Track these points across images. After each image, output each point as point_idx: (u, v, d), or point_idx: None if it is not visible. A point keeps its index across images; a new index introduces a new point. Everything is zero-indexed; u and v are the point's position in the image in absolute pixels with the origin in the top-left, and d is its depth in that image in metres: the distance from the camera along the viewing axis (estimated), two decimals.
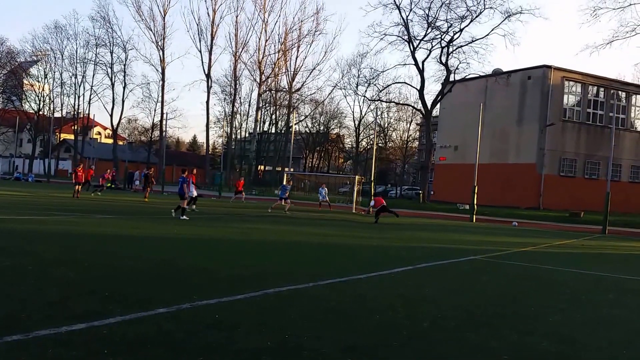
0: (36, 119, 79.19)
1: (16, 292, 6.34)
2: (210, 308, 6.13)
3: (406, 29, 47.47)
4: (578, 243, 19.85)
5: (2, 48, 78.40)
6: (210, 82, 67.96)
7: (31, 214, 17.10)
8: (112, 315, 5.45)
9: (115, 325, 5.17)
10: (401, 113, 75.09)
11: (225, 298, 6.65)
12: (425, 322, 6.22)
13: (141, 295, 6.56)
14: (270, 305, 6.52)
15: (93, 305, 5.86)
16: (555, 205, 43.05)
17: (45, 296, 6.21)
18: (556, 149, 45.68)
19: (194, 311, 5.94)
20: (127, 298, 6.37)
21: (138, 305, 5.97)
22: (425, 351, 5.14)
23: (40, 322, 5.05)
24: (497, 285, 9.45)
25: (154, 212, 21.36)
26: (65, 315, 5.37)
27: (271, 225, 18.67)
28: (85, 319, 5.26)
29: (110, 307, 5.79)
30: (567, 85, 46.72)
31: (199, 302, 6.27)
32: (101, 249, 10.51)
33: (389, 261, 11.56)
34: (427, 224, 25.78)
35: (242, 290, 7.09)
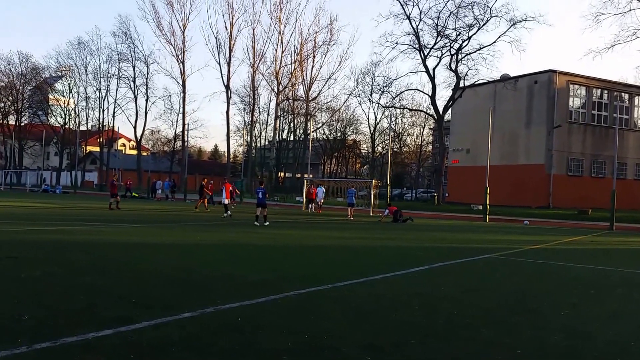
0: (62, 133, 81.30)
1: (45, 300, 6.53)
2: (234, 311, 6.28)
3: (417, 38, 48.88)
4: (587, 239, 19.95)
5: (28, 64, 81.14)
6: (230, 93, 69.46)
7: (60, 224, 17.23)
8: (139, 321, 5.61)
9: (141, 331, 5.33)
10: (415, 118, 76.59)
11: (248, 301, 6.77)
12: (442, 319, 6.34)
13: (167, 301, 6.71)
14: (291, 307, 6.68)
15: (120, 312, 6.04)
16: (564, 204, 44.25)
17: (74, 304, 6.40)
18: (563, 149, 47.17)
19: (218, 315, 6.10)
20: (152, 304, 6.54)
21: (163, 311, 6.12)
22: (442, 348, 5.24)
23: (69, 329, 5.21)
24: (511, 282, 9.56)
25: (178, 219, 21.70)
26: (92, 322, 5.54)
27: (291, 230, 19.00)
28: (112, 325, 5.43)
29: (136, 313, 5.96)
30: (572, 88, 48.17)
31: (222, 306, 6.44)
32: (128, 256, 10.75)
33: (406, 262, 11.66)
34: (442, 225, 26.11)
35: (264, 294, 7.26)
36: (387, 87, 56.05)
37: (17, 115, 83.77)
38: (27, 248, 11.46)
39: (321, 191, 35.20)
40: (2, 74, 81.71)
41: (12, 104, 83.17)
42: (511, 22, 45.63)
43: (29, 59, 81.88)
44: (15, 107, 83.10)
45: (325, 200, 37.96)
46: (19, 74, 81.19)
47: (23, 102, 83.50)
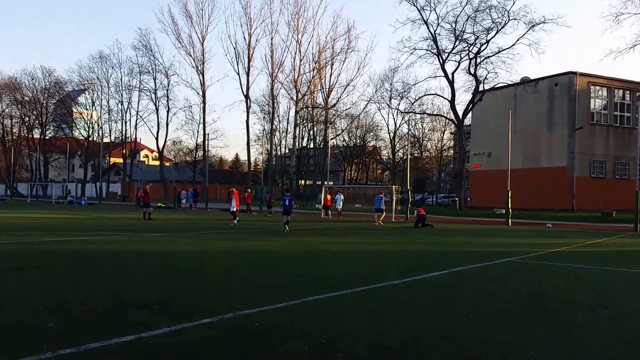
0: (86, 145, 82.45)
1: (69, 307, 6.72)
2: (252, 316, 6.39)
3: (435, 43, 48.53)
4: (610, 242, 19.77)
5: (51, 79, 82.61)
6: (249, 102, 69.92)
7: (84, 234, 17.55)
8: (160, 327, 5.74)
9: (162, 336, 5.45)
10: (435, 123, 76.22)
11: (266, 307, 6.88)
12: (457, 322, 6.37)
13: (187, 307, 6.86)
14: (309, 312, 6.77)
15: (141, 318, 6.19)
16: (588, 206, 43.66)
17: (96, 311, 6.58)
18: (586, 151, 46.62)
19: (236, 320, 6.20)
20: (173, 310, 6.69)
21: (184, 316, 6.27)
22: (456, 349, 5.28)
23: (92, 335, 5.36)
24: (530, 285, 9.50)
25: (200, 228, 21.92)
26: (115, 328, 5.68)
27: (310, 237, 19.09)
28: (134, 330, 5.55)
29: (157, 319, 6.11)
30: (593, 89, 47.65)
31: (240, 312, 6.55)
32: (149, 264, 10.98)
33: (425, 266, 11.69)
34: (464, 229, 25.95)
35: (283, 299, 7.35)
36: (406, 92, 56.34)
37: (41, 129, 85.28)
38: (53, 258, 11.72)
39: (340, 198, 35.31)
40: (26, 89, 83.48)
41: (36, 117, 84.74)
42: (529, 24, 45.22)
43: (51, 74, 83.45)
44: (40, 121, 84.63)
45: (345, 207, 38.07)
46: (43, 89, 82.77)
47: (47, 116, 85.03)
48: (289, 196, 22.51)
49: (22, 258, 11.51)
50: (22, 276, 9.19)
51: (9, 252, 12.53)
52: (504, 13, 45.61)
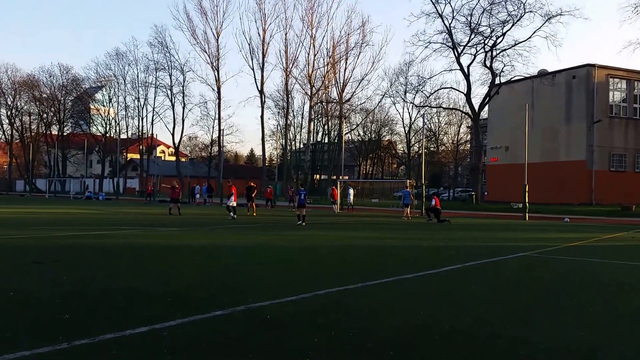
0: (104, 141, 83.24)
1: (85, 300, 6.84)
2: (264, 310, 6.44)
3: (450, 36, 48.34)
4: (628, 236, 19.58)
5: (68, 76, 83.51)
6: (264, 98, 70.02)
7: (101, 229, 17.75)
8: (173, 319, 5.83)
9: (175, 328, 5.53)
10: (451, 117, 75.77)
11: (278, 300, 6.94)
12: (469, 317, 6.33)
13: (200, 300, 6.95)
14: (320, 306, 6.79)
15: (155, 310, 6.28)
16: (607, 200, 43.11)
17: (111, 303, 6.70)
18: (605, 145, 46.16)
19: (248, 313, 6.26)
20: (186, 303, 6.78)
21: (196, 309, 6.35)
22: (467, 344, 5.27)
23: (106, 327, 5.47)
24: (544, 280, 9.44)
25: (214, 222, 21.90)
26: (129, 320, 5.79)
27: (323, 232, 19.10)
28: (148, 322, 5.64)
29: (171, 312, 6.19)
30: (612, 82, 47.14)
31: (253, 305, 6.61)
32: (164, 258, 11.06)
33: (438, 261, 11.60)
34: (480, 224, 25.83)
35: (294, 293, 7.41)
36: (421, 86, 55.93)
37: (59, 125, 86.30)
38: (70, 252, 11.90)
39: (350, 192, 35.54)
40: (44, 86, 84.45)
41: (54, 114, 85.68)
42: (546, 17, 44.82)
43: (69, 71, 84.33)
44: (58, 118, 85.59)
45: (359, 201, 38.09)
46: (61, 86, 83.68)
47: (65, 113, 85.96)
48: (304, 191, 23.48)
49: (40, 252, 11.69)
50: (41, 270, 9.33)
51: (28, 247, 12.72)
52: (520, 5, 45.28)
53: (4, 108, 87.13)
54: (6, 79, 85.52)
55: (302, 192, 23.52)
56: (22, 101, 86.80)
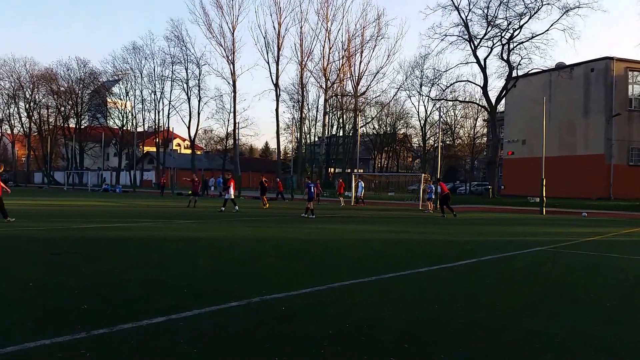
0: (120, 134, 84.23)
1: (103, 291, 6.95)
2: (279, 301, 6.52)
3: (466, 29, 48.09)
4: None
5: (85, 69, 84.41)
6: (279, 91, 70.18)
7: (119, 221, 17.93)
8: (189, 309, 5.93)
9: (192, 318, 5.63)
10: (467, 110, 75.36)
11: (293, 292, 7.01)
12: (484, 310, 6.35)
13: (216, 291, 7.04)
14: (334, 298, 6.84)
15: (172, 301, 6.37)
16: (626, 195, 42.81)
17: (129, 294, 6.81)
18: (624, 139, 45.62)
19: (264, 304, 6.34)
20: (203, 294, 6.88)
21: (212, 300, 6.45)
22: (482, 336, 5.29)
23: (124, 317, 5.57)
24: (560, 274, 9.39)
25: (229, 215, 22.03)
26: (146, 310, 5.88)
27: (338, 225, 19.10)
28: (165, 313, 5.74)
29: (187, 302, 6.29)
30: (631, 75, 46.53)
31: (267, 296, 6.68)
32: (180, 250, 11.18)
33: (454, 255, 11.52)
34: (496, 218, 25.67)
35: (309, 285, 7.48)
36: (437, 79, 55.60)
37: (77, 119, 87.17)
38: (89, 244, 12.03)
39: (360, 186, 35.43)
40: (62, 79, 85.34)
41: (72, 107, 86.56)
42: (563, 9, 44.36)
43: (86, 64, 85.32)
44: (75, 111, 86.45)
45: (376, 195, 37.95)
46: (78, 79, 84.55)
47: (82, 106, 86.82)
48: (313, 184, 24.13)
49: (59, 244, 11.84)
50: (59, 261, 9.46)
51: (47, 238, 12.88)
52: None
53: (23, 101, 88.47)
54: (25, 72, 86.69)
55: (310, 185, 23.99)
56: (40, 94, 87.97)
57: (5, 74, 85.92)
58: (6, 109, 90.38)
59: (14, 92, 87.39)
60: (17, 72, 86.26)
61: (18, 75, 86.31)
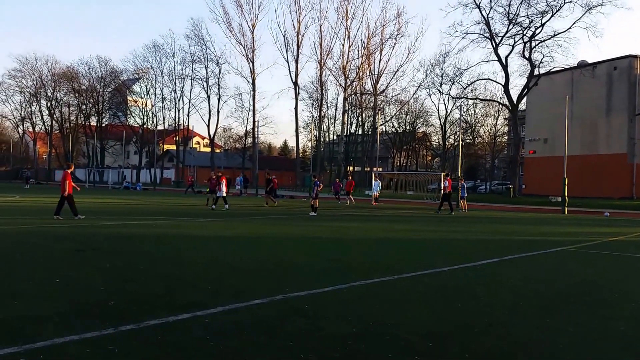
0: (141, 132, 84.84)
1: (128, 287, 7.05)
2: (301, 299, 6.56)
3: (487, 27, 47.56)
4: None
5: (107, 68, 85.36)
6: (298, 89, 70.31)
7: (140, 218, 18.14)
8: (213, 306, 6.00)
9: (215, 315, 5.70)
10: (488, 108, 74.66)
11: (315, 290, 7.06)
12: (506, 309, 6.33)
13: (239, 289, 7.08)
14: (357, 296, 6.86)
15: (196, 298, 6.45)
16: None
17: (154, 291, 6.89)
18: None
19: (286, 301, 6.39)
20: (226, 291, 6.93)
21: (236, 297, 6.50)
22: (504, 335, 5.29)
23: (150, 313, 5.65)
24: (582, 274, 9.34)
25: (249, 214, 22.21)
26: (171, 307, 5.95)
27: (358, 223, 19.06)
28: (189, 309, 5.82)
29: (211, 299, 6.37)
30: None
31: (290, 294, 6.72)
32: (203, 248, 11.31)
33: (475, 254, 11.44)
34: (517, 217, 25.46)
35: (331, 283, 7.48)
36: (457, 77, 55.18)
37: (98, 117, 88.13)
38: (112, 240, 12.17)
39: (377, 185, 35.10)
40: (83, 78, 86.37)
41: (93, 105, 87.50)
42: (586, 7, 43.71)
43: (107, 63, 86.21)
44: (97, 109, 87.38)
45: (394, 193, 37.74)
46: (99, 78, 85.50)
47: (103, 104, 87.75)
48: (318, 182, 24.46)
49: (82, 240, 12.00)
50: (83, 258, 9.60)
51: (70, 235, 13.06)
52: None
53: (45, 99, 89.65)
54: (46, 70, 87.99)
55: (317, 183, 24.25)
56: (61, 93, 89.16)
57: (27, 72, 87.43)
58: (28, 107, 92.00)
59: (36, 90, 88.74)
60: (39, 71, 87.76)
61: (40, 74, 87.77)
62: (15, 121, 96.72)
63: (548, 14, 45.10)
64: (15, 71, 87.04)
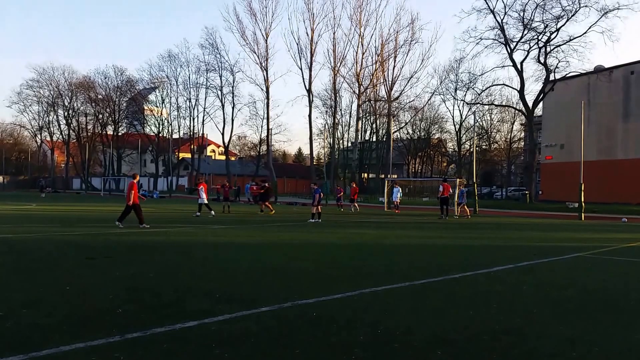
0: (157, 141, 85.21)
1: (137, 295, 7.04)
2: (310, 306, 6.51)
3: (502, 32, 47.18)
4: None
5: (122, 77, 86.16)
6: (312, 97, 70.15)
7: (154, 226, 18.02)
8: (221, 314, 5.98)
9: (223, 322, 5.67)
10: (503, 114, 74.08)
11: (324, 297, 7.00)
12: (519, 317, 6.21)
13: (248, 296, 7.02)
14: (366, 303, 6.79)
15: (204, 306, 6.42)
16: None
17: (162, 299, 6.87)
18: None
19: (295, 309, 6.34)
20: (234, 299, 6.88)
21: (244, 305, 6.45)
22: (516, 344, 5.17)
23: (157, 321, 5.64)
24: (598, 281, 9.14)
25: (262, 221, 22.11)
26: (179, 315, 5.94)
27: (369, 230, 18.96)
28: (197, 317, 5.80)
29: (219, 307, 6.34)
30: None
31: (299, 301, 6.69)
32: (214, 255, 11.34)
33: (489, 261, 11.29)
34: (533, 223, 25.16)
35: (340, 290, 7.44)
36: (472, 83, 55.01)
37: (114, 126, 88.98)
38: (123, 249, 12.22)
39: (397, 191, 34.69)
40: (99, 87, 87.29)
41: (109, 115, 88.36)
42: (602, 11, 43.25)
43: (123, 72, 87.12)
44: (113, 118, 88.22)
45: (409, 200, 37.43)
46: (115, 87, 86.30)
47: (120, 113, 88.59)
48: (319, 189, 24.28)
49: (94, 249, 12.06)
50: (94, 266, 9.62)
51: (82, 244, 13.13)
52: (574, 0, 43.84)
53: (62, 109, 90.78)
54: (63, 80, 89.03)
55: (317, 190, 24.03)
56: (78, 102, 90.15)
57: (44, 82, 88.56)
58: (46, 117, 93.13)
59: (53, 100, 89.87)
60: (56, 81, 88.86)
61: (57, 84, 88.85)
62: (33, 130, 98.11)
63: (563, 18, 44.80)
64: (33, 81, 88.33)
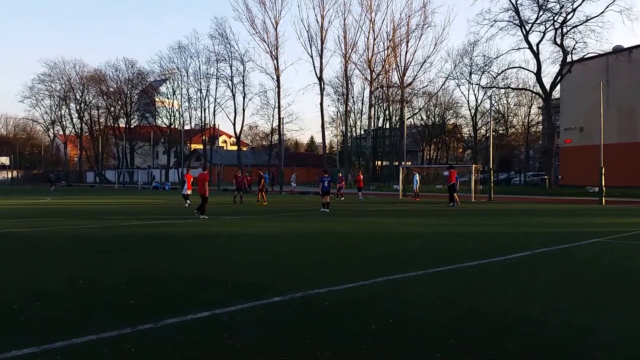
0: (168, 133, 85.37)
1: (149, 287, 7.05)
2: (321, 296, 6.45)
3: (517, 14, 46.25)
4: None
5: (133, 70, 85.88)
6: (323, 85, 69.27)
7: (167, 218, 18.21)
8: (232, 304, 5.95)
9: (234, 313, 5.65)
10: (520, 97, 72.70)
11: (336, 287, 6.92)
12: (536, 305, 6.08)
13: (259, 286, 6.97)
14: (378, 293, 6.70)
15: (215, 296, 6.40)
16: None
17: (174, 289, 6.87)
18: None
19: (306, 299, 6.30)
20: (246, 289, 6.85)
21: (255, 295, 6.41)
22: (533, 333, 5.05)
23: (169, 312, 5.62)
24: (618, 267, 8.90)
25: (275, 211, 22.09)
26: (190, 305, 5.92)
27: (384, 218, 18.83)
28: (209, 307, 5.77)
29: (230, 297, 6.32)
30: None
31: (310, 292, 6.63)
32: (226, 246, 11.34)
33: (506, 248, 11.13)
34: (553, 209, 24.74)
35: (353, 280, 7.35)
36: (487, 66, 53.98)
37: (126, 118, 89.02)
38: (137, 241, 12.23)
39: (415, 179, 34.15)
40: (111, 80, 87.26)
41: (121, 107, 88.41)
42: None
43: (134, 65, 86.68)
44: (125, 111, 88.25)
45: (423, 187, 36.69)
46: (126, 80, 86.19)
47: (131, 106, 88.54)
48: (327, 177, 23.50)
49: (108, 241, 12.05)
50: (108, 258, 9.60)
51: (97, 236, 13.12)
52: None
53: (74, 102, 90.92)
54: (75, 74, 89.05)
55: (324, 179, 23.28)
56: (90, 95, 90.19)
57: (56, 76, 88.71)
58: (58, 111, 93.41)
59: (65, 93, 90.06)
60: (67, 74, 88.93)
61: (68, 77, 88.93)
62: (46, 125, 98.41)
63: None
64: (44, 75, 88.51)
